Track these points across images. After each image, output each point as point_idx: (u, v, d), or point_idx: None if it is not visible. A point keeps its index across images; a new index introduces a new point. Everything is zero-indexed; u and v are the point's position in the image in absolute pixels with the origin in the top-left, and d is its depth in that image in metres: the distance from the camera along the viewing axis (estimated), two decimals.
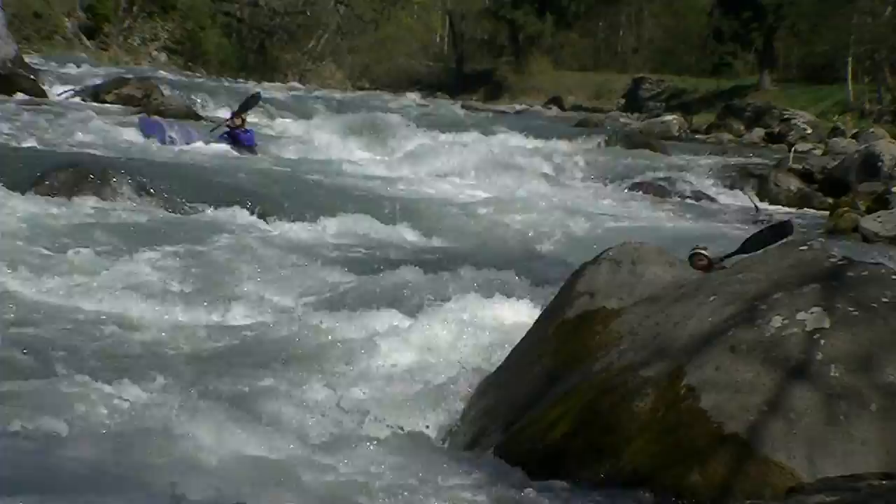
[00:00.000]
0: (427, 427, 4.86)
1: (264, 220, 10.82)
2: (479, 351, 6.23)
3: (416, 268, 9.03)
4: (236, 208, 11.05)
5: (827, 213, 15.55)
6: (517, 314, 6.88)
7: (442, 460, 4.38)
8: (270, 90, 29.53)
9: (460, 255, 9.38)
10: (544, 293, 6.81)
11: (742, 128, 33.77)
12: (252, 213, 10.97)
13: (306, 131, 21.18)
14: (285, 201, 11.49)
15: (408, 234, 10.80)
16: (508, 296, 7.61)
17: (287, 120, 22.82)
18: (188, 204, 10.92)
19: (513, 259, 9.00)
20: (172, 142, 15.82)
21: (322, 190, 12.31)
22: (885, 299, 3.97)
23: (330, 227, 10.67)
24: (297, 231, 10.55)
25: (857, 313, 3.89)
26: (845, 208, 14.99)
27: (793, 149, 22.50)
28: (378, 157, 18.57)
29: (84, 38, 35.99)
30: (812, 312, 3.92)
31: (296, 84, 40.77)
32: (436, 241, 10.39)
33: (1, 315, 6.64)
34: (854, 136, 27.04)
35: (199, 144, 15.85)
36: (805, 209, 16.47)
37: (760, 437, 3.62)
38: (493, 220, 12.23)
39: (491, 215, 12.40)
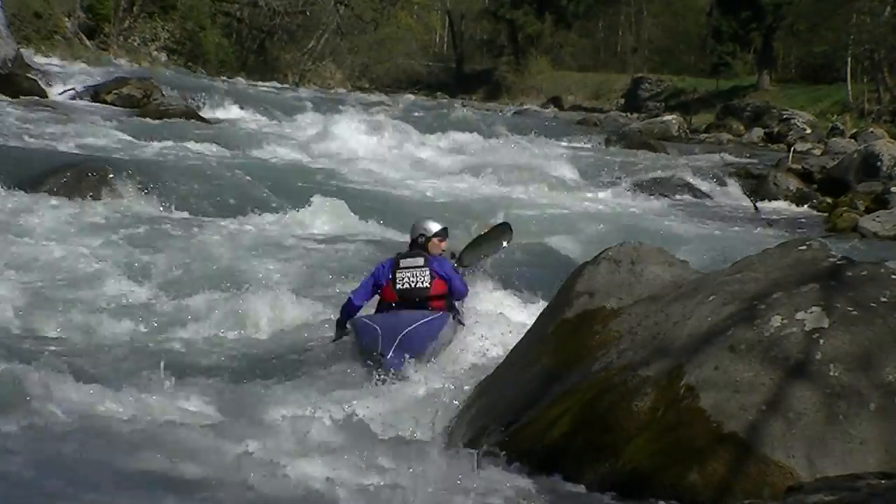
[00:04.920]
0: (427, 426, 4.86)
1: (265, 219, 10.81)
2: (478, 350, 6.24)
3: None
4: (238, 208, 11.04)
5: (826, 212, 15.56)
6: (517, 313, 6.90)
7: (442, 459, 4.38)
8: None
9: None
10: (544, 293, 6.82)
11: (741, 128, 33.75)
12: (253, 212, 10.96)
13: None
14: (290, 201, 11.48)
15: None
16: (508, 295, 7.64)
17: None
18: (189, 203, 10.91)
19: (512, 258, 9.01)
20: None
21: (332, 191, 12.29)
22: (883, 299, 3.97)
23: (336, 227, 10.68)
24: (300, 231, 10.54)
25: (855, 313, 3.90)
26: (844, 208, 15.01)
27: (792, 149, 22.51)
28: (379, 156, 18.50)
29: (84, 38, 35.90)
30: (811, 312, 3.92)
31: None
32: None
33: (2, 314, 6.67)
34: (853, 136, 27.01)
35: None
36: (804, 209, 16.47)
37: (760, 437, 3.62)
38: (492, 219, 12.21)
39: (490, 215, 12.38)
